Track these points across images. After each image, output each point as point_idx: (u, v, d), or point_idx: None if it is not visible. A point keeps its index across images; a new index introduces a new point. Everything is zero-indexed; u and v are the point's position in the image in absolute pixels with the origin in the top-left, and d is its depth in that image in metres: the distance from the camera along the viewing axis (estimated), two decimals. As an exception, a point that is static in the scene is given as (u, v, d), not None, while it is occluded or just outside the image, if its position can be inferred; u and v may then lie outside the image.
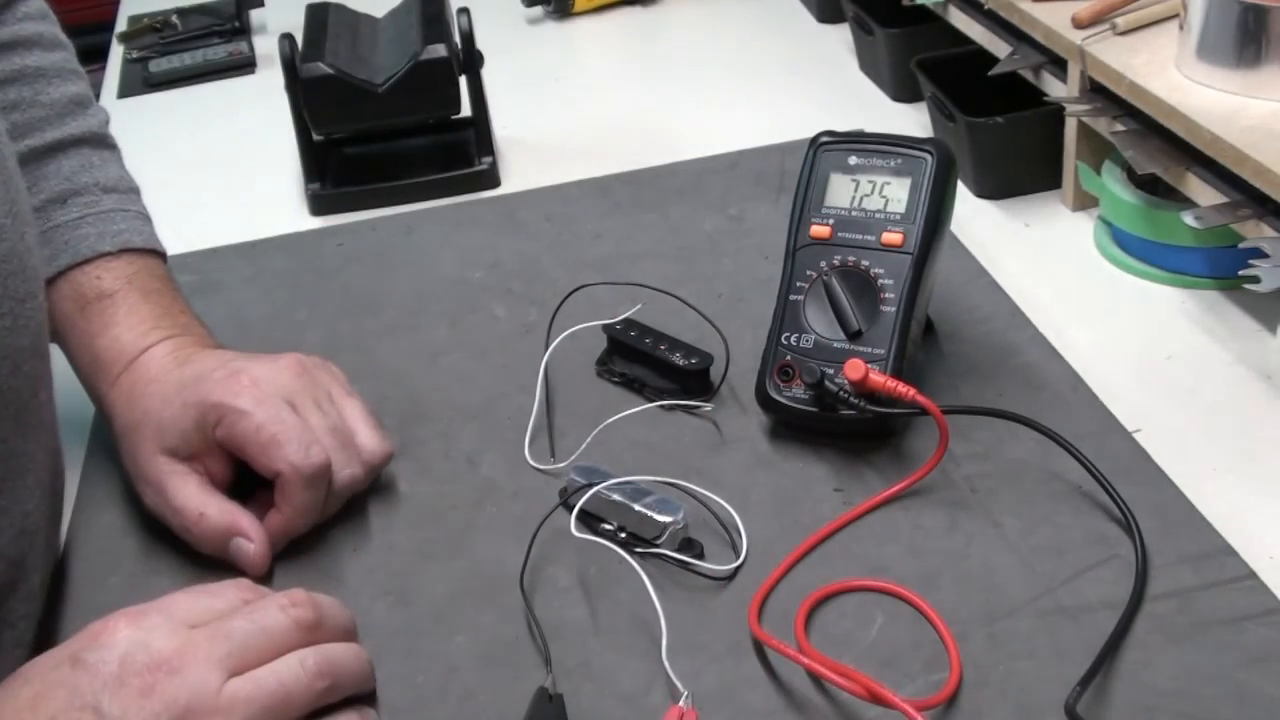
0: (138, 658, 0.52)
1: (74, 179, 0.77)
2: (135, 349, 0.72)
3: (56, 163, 0.77)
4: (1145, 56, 0.84)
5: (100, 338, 0.73)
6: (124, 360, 0.72)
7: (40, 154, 0.76)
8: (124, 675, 0.51)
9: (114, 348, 0.72)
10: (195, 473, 0.68)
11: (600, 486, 0.66)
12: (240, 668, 0.53)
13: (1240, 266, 0.75)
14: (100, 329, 0.73)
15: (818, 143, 0.75)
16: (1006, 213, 0.94)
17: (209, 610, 0.56)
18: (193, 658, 0.53)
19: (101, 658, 0.52)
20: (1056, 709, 0.55)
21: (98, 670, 0.51)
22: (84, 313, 0.73)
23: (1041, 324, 0.79)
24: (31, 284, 0.63)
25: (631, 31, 1.34)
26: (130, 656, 0.52)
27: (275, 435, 0.66)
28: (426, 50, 0.98)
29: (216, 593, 0.58)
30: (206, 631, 0.54)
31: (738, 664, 0.60)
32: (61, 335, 0.74)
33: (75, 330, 0.74)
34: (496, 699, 0.59)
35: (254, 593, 0.59)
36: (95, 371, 0.73)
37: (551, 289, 0.85)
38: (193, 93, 1.30)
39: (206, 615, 0.56)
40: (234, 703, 0.52)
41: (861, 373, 0.67)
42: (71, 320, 0.74)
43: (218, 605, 0.57)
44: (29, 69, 0.77)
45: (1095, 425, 0.71)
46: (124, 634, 0.53)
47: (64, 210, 0.76)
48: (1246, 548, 0.63)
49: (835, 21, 1.26)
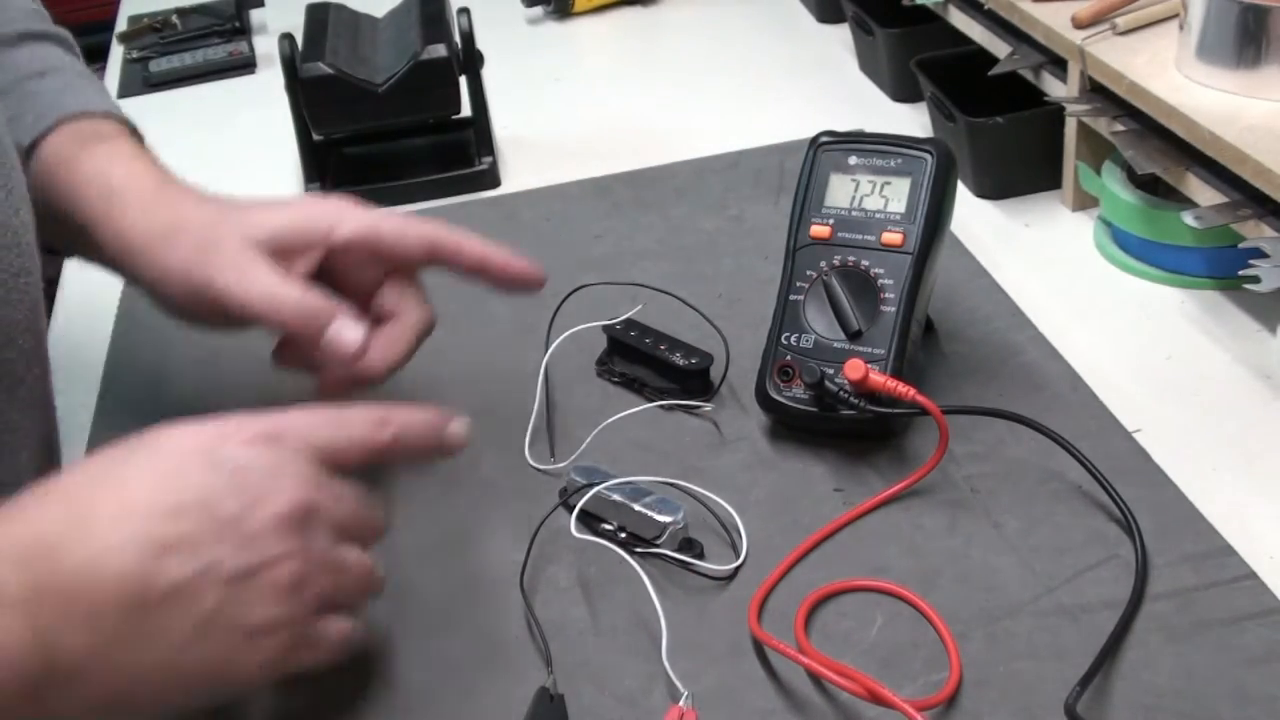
0: (272, 486, 0.53)
1: (48, 60, 0.74)
2: (161, 181, 0.68)
3: (30, 49, 0.74)
4: (1145, 56, 0.84)
5: (114, 168, 0.68)
6: (150, 178, 0.68)
7: (11, 40, 0.74)
8: (260, 498, 0.52)
9: (135, 176, 0.68)
10: (283, 266, 0.65)
11: (600, 486, 0.66)
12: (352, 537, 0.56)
13: (1240, 266, 0.75)
14: (109, 163, 0.69)
15: (818, 143, 0.75)
16: (1006, 213, 0.94)
17: (341, 452, 0.56)
18: (320, 508, 0.54)
19: (241, 468, 0.52)
20: (1056, 709, 0.55)
21: (237, 482, 0.52)
22: (88, 148, 0.69)
23: (1041, 324, 0.79)
24: (26, 260, 0.62)
25: (631, 31, 1.34)
26: (267, 484, 0.52)
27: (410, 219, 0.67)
28: (426, 50, 0.98)
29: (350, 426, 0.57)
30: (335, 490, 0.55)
31: (738, 664, 0.60)
32: (63, 177, 0.69)
33: (81, 164, 0.69)
34: (496, 699, 0.59)
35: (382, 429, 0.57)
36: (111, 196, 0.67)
37: (551, 289, 0.85)
38: (193, 93, 1.30)
39: (338, 456, 0.56)
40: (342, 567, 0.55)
41: (861, 373, 0.67)
42: (75, 156, 0.69)
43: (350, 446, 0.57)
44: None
45: (1095, 425, 0.71)
46: (264, 454, 0.53)
47: (44, 81, 0.72)
48: (1246, 548, 0.63)
49: (835, 21, 1.26)
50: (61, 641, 0.47)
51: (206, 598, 0.49)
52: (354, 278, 0.68)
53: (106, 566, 0.48)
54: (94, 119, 0.72)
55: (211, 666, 0.50)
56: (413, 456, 0.60)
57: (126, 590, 0.48)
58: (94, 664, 0.48)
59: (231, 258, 0.64)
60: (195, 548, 0.49)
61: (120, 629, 0.48)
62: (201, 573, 0.49)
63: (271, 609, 0.51)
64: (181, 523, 0.49)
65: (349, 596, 0.56)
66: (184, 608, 0.49)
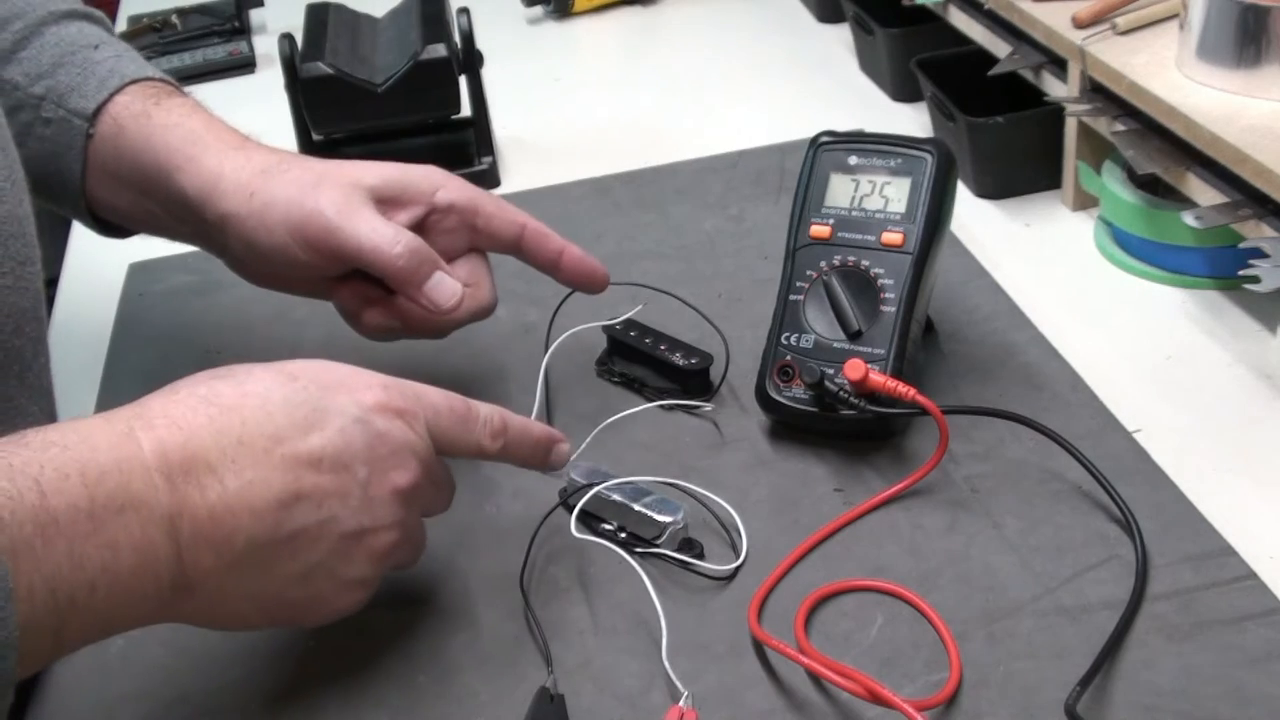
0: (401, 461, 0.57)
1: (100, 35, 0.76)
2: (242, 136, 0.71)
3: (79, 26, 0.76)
4: (1145, 56, 0.84)
5: (192, 119, 0.71)
6: (230, 135, 0.70)
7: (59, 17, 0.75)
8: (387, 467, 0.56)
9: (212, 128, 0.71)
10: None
11: (600, 486, 0.66)
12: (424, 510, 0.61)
13: (1240, 266, 0.75)
14: (188, 115, 0.71)
15: (818, 143, 0.75)
16: (1006, 213, 0.94)
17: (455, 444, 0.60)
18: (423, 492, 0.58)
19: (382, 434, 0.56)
20: (1056, 709, 0.55)
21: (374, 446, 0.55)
22: (161, 104, 0.72)
23: (1041, 324, 0.79)
24: (31, 249, 0.63)
25: (631, 31, 1.34)
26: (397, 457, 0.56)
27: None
28: (426, 50, 0.98)
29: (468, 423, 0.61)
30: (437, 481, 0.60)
31: (738, 664, 0.60)
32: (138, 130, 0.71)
33: (155, 118, 0.71)
34: (496, 699, 0.59)
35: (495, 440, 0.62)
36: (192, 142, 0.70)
37: (551, 289, 0.85)
38: (193, 92, 1.29)
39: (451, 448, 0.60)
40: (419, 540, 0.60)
41: (861, 373, 0.67)
42: (147, 112, 0.71)
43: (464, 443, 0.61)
44: None
45: (1095, 425, 0.71)
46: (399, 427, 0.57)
47: (99, 52, 0.74)
48: (1246, 548, 0.63)
49: (835, 21, 1.26)
50: (196, 558, 0.50)
51: (321, 547, 0.54)
52: (440, 244, 0.71)
53: (247, 502, 0.51)
54: (156, 83, 0.74)
55: (302, 605, 0.55)
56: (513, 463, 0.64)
57: (259, 527, 0.51)
58: (211, 584, 0.51)
59: (343, 194, 0.67)
60: (323, 500, 0.53)
61: (243, 559, 0.51)
62: (323, 524, 0.53)
63: (366, 568, 0.56)
64: (319, 474, 0.53)
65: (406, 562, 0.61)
66: (300, 552, 0.53)
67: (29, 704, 0.63)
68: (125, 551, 0.48)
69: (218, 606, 0.53)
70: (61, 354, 0.74)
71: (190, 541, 0.50)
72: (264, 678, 0.62)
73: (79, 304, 0.96)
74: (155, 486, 0.49)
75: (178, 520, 0.49)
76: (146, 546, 0.48)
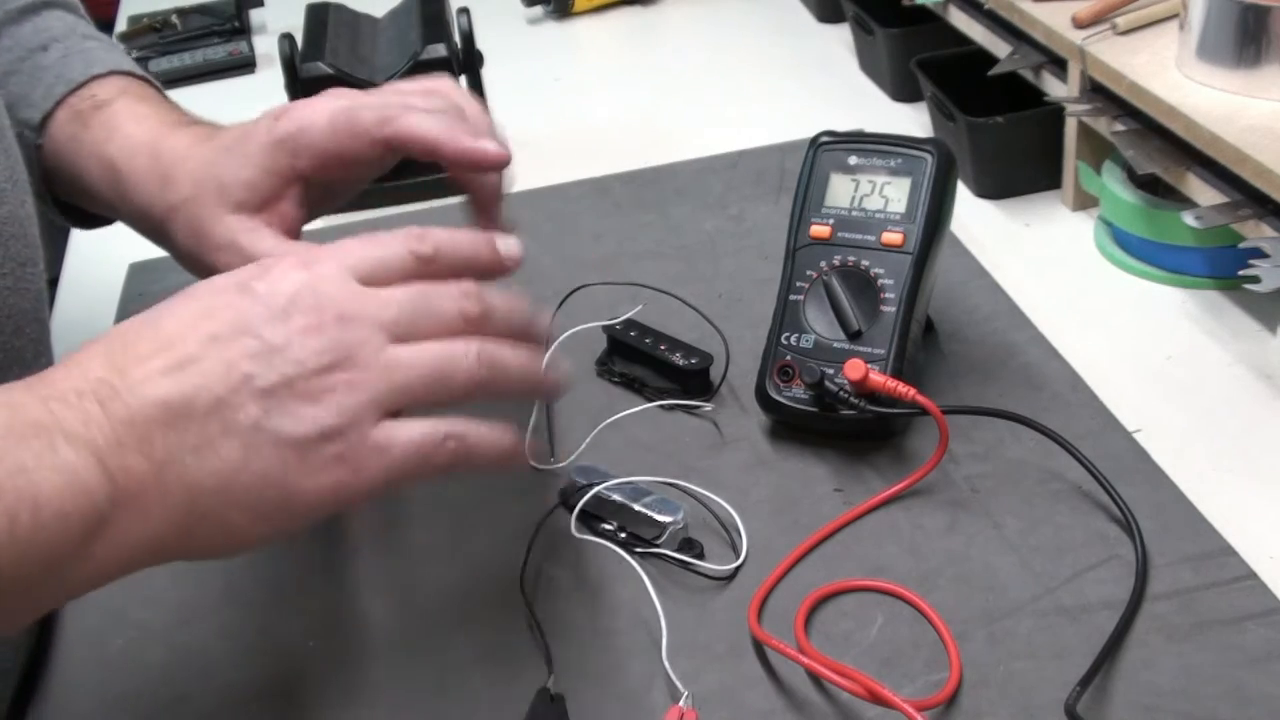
0: (306, 299, 0.52)
1: (53, 30, 0.75)
2: (152, 141, 0.69)
3: (32, 21, 0.75)
4: (1145, 56, 0.84)
5: (110, 142, 0.70)
6: (145, 152, 0.69)
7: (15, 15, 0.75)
8: (290, 311, 0.51)
9: (128, 144, 0.70)
10: (268, 226, 0.66)
11: (600, 486, 0.66)
12: (405, 337, 0.53)
13: (1240, 266, 0.75)
14: (107, 135, 0.70)
15: (818, 143, 0.75)
16: (1006, 213, 0.94)
17: (379, 264, 0.55)
18: (360, 312, 0.52)
19: (272, 289, 0.52)
20: (1056, 709, 0.55)
21: (267, 302, 0.51)
22: (87, 126, 0.71)
23: (1041, 324, 0.79)
24: (32, 250, 0.63)
25: (631, 31, 1.34)
26: (300, 296, 0.52)
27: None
28: (426, 50, 0.98)
29: (386, 243, 0.56)
30: (377, 293, 0.53)
31: (738, 664, 0.60)
32: (72, 160, 0.71)
33: (83, 145, 0.70)
34: (496, 699, 0.59)
35: (422, 242, 0.56)
36: (115, 176, 0.69)
37: (551, 289, 0.85)
38: (193, 93, 1.30)
39: (377, 270, 0.54)
40: (396, 364, 0.52)
41: (861, 373, 0.67)
42: (77, 139, 0.71)
43: (388, 259, 0.55)
44: None
45: (1095, 425, 0.71)
46: (295, 274, 0.52)
47: (47, 55, 0.73)
48: (1246, 548, 0.63)
49: (835, 21, 1.26)
50: (122, 464, 0.48)
51: (248, 410, 0.50)
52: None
53: (148, 392, 0.49)
54: (92, 85, 0.73)
55: (269, 484, 0.50)
56: (461, 274, 0.57)
57: (171, 410, 0.49)
58: (153, 485, 0.49)
59: (222, 238, 0.65)
60: (230, 365, 0.50)
61: (171, 448, 0.49)
62: (237, 387, 0.50)
63: (315, 416, 0.50)
64: (216, 345, 0.50)
65: (422, 395, 0.53)
66: (226, 422, 0.50)
67: (29, 704, 0.63)
68: (40, 473, 0.46)
69: (180, 513, 0.49)
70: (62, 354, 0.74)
71: (111, 450, 0.48)
72: (264, 678, 0.62)
73: (79, 304, 0.96)
74: (52, 412, 0.48)
75: (92, 435, 0.48)
76: (62, 466, 0.47)
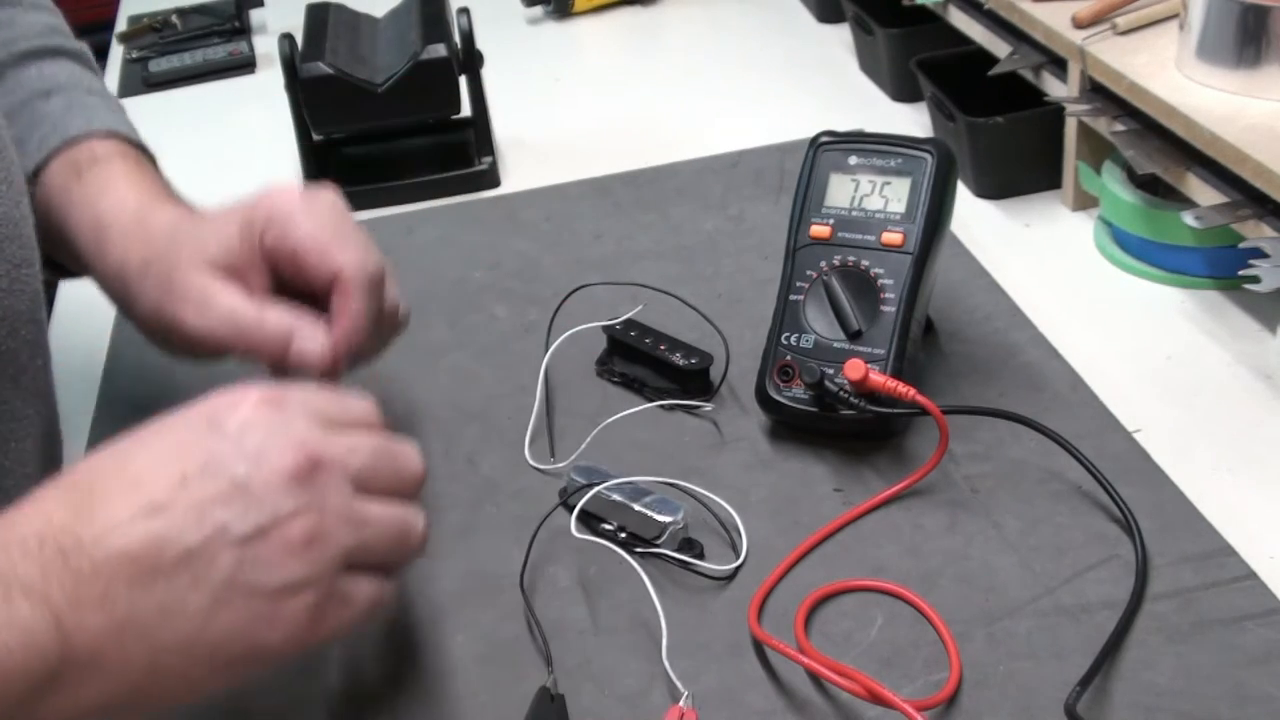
0: (278, 439, 0.50)
1: (57, 78, 0.75)
2: (143, 207, 0.69)
3: (37, 66, 0.75)
4: (1145, 56, 0.84)
5: (103, 199, 0.69)
6: (135, 215, 0.69)
7: (20, 58, 0.74)
8: (263, 452, 0.49)
9: (119, 205, 0.69)
10: (239, 284, 0.65)
11: (600, 486, 0.66)
12: (365, 487, 0.52)
13: (1240, 266, 0.75)
14: (100, 191, 0.70)
15: (818, 143, 0.75)
16: (1006, 213, 0.94)
17: (343, 411, 0.54)
18: (331, 457, 0.51)
19: (242, 428, 0.50)
20: (1056, 709, 0.55)
21: (238, 441, 0.50)
22: (81, 178, 0.70)
23: (1041, 324, 0.79)
24: (28, 251, 0.63)
25: (631, 31, 1.34)
26: (271, 436, 0.50)
27: (334, 236, 0.64)
28: (426, 50, 0.98)
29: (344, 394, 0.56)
30: (344, 439, 0.52)
31: (738, 664, 0.60)
32: (61, 210, 0.70)
33: (74, 196, 0.69)
34: (496, 699, 0.59)
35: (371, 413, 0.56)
36: (100, 232, 0.68)
37: (551, 289, 0.85)
38: (193, 93, 1.30)
39: (341, 417, 0.54)
40: (363, 520, 0.51)
41: (861, 373, 0.67)
42: (69, 190, 0.70)
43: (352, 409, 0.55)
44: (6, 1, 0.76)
45: (1095, 425, 0.71)
46: (266, 412, 0.51)
47: (48, 103, 0.73)
48: (1246, 548, 0.63)
49: (835, 21, 1.26)
50: (80, 623, 0.45)
51: (220, 562, 0.48)
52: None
53: (114, 543, 0.47)
54: (91, 141, 0.72)
55: (236, 638, 0.48)
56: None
57: (137, 564, 0.47)
58: (112, 646, 0.46)
59: (191, 291, 0.64)
60: (202, 513, 0.48)
61: (135, 605, 0.46)
62: (211, 537, 0.48)
63: (290, 568, 0.49)
64: (188, 490, 0.48)
65: (381, 554, 0.53)
66: (198, 575, 0.47)
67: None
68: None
69: (139, 675, 0.47)
70: (62, 354, 0.74)
71: (68, 606, 0.45)
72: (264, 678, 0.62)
73: (79, 304, 0.96)
74: (11, 559, 0.45)
75: (49, 588, 0.45)
76: (15, 621, 0.44)
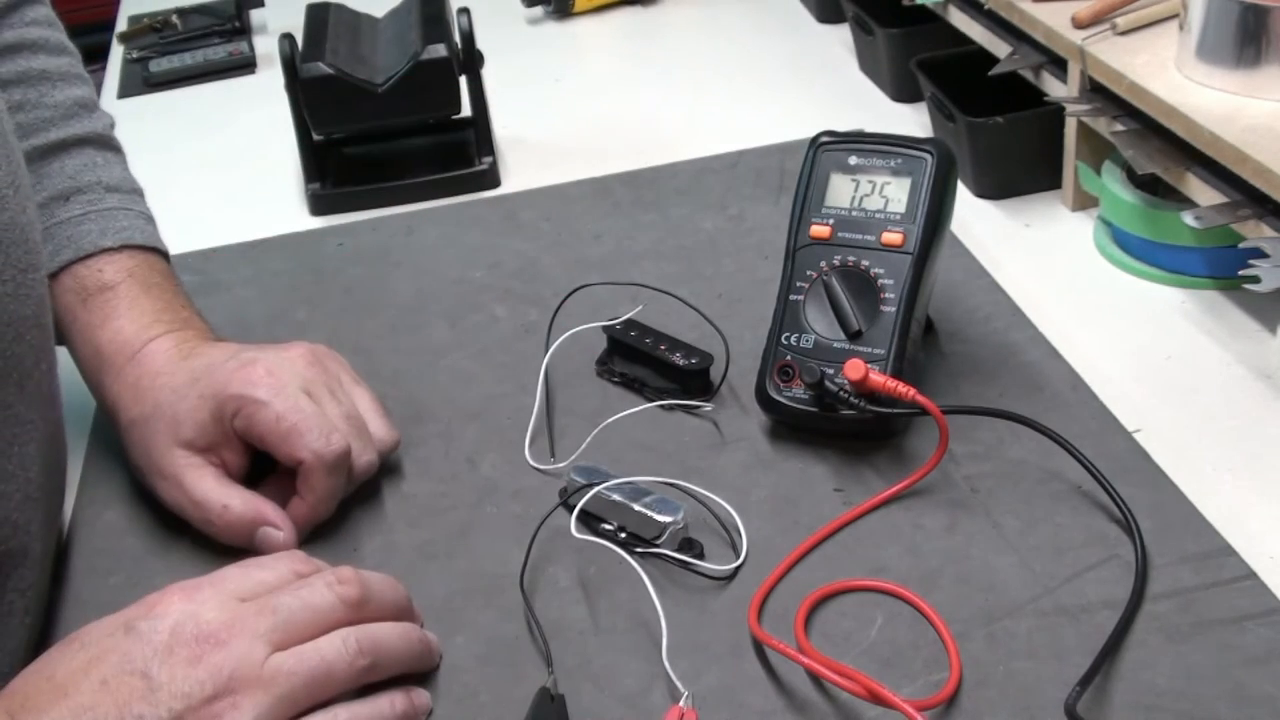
0: (187, 628, 0.54)
1: (77, 177, 0.77)
2: (138, 341, 0.72)
3: (60, 161, 0.77)
4: (1145, 56, 0.84)
5: (102, 330, 0.73)
6: (128, 352, 0.72)
7: (44, 152, 0.77)
8: (173, 644, 0.53)
9: (117, 339, 0.73)
10: (212, 464, 0.69)
11: (600, 486, 0.66)
12: (285, 642, 0.55)
13: (1240, 266, 0.75)
14: (102, 321, 0.73)
15: (818, 143, 0.75)
16: (1006, 213, 0.94)
17: (259, 584, 0.58)
18: (239, 631, 0.54)
19: (154, 627, 0.54)
20: (1056, 709, 0.55)
21: (149, 638, 0.53)
22: (85, 305, 0.74)
23: (1041, 324, 0.79)
24: (33, 256, 0.64)
25: (631, 31, 1.34)
26: (180, 627, 0.54)
27: (296, 424, 0.67)
28: (426, 50, 0.98)
29: (268, 565, 0.60)
30: (254, 605, 0.56)
31: (738, 664, 0.60)
32: (64, 329, 0.74)
33: (77, 323, 0.74)
34: (496, 699, 0.59)
35: (306, 564, 0.61)
36: (99, 364, 0.73)
37: (551, 289, 0.85)
38: (193, 93, 1.30)
39: (257, 589, 0.57)
40: (276, 675, 0.54)
41: (861, 373, 0.67)
42: (73, 313, 0.74)
43: (268, 578, 0.58)
44: (34, 71, 0.78)
45: (1095, 425, 0.71)
46: (176, 606, 0.55)
47: (66, 207, 0.76)
48: (1246, 548, 0.63)
49: (835, 21, 1.26)
50: None
51: None
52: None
53: None
54: (100, 259, 0.75)
55: None
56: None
57: None
58: None
59: (166, 469, 0.69)
60: (122, 709, 0.52)
61: None
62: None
63: None
64: (108, 690, 0.52)
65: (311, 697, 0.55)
66: None
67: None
68: None
69: None
70: (62, 355, 0.74)
71: None
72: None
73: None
74: None
75: None
76: None
